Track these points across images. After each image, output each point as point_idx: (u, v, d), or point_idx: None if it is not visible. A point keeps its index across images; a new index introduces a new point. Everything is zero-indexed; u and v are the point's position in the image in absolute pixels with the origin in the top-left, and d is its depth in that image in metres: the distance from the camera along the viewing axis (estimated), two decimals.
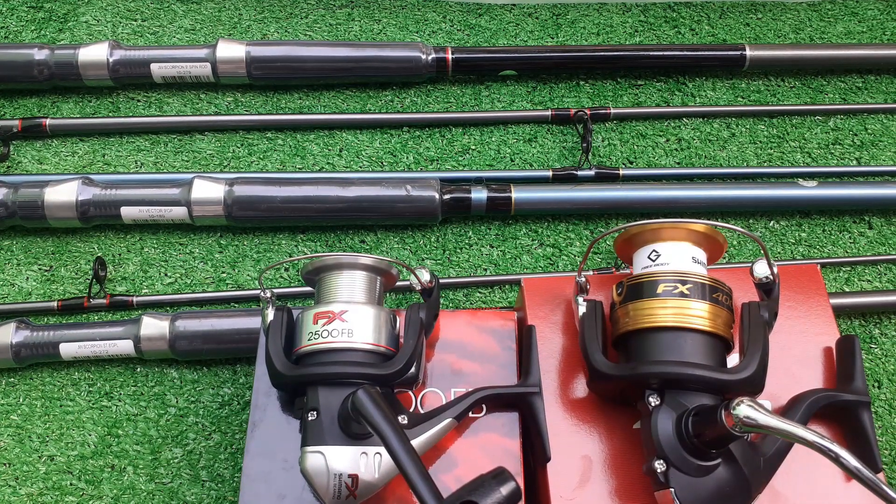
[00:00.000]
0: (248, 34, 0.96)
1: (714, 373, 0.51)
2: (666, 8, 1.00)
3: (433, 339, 0.61)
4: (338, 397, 0.52)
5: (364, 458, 0.51)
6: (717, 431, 0.48)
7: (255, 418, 0.58)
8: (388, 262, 0.58)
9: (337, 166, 0.88)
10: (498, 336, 0.62)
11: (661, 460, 0.50)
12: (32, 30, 0.96)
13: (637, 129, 0.91)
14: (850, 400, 0.56)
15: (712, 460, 0.50)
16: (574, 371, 0.60)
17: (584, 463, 0.56)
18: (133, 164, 0.88)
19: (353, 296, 0.57)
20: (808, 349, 0.61)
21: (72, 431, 0.74)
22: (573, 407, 0.59)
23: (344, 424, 0.52)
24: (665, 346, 0.53)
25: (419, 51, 0.89)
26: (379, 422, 0.47)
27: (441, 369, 0.60)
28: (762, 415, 0.46)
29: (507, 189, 0.82)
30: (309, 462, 0.51)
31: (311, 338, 0.55)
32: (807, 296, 0.63)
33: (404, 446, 0.46)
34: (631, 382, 0.54)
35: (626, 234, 0.59)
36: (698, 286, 0.54)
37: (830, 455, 0.44)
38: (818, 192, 0.84)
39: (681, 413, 0.51)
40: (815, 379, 0.60)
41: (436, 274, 0.61)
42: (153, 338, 0.74)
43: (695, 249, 0.58)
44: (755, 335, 0.54)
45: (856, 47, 0.95)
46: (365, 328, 0.55)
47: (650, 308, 0.54)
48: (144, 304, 0.79)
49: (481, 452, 0.57)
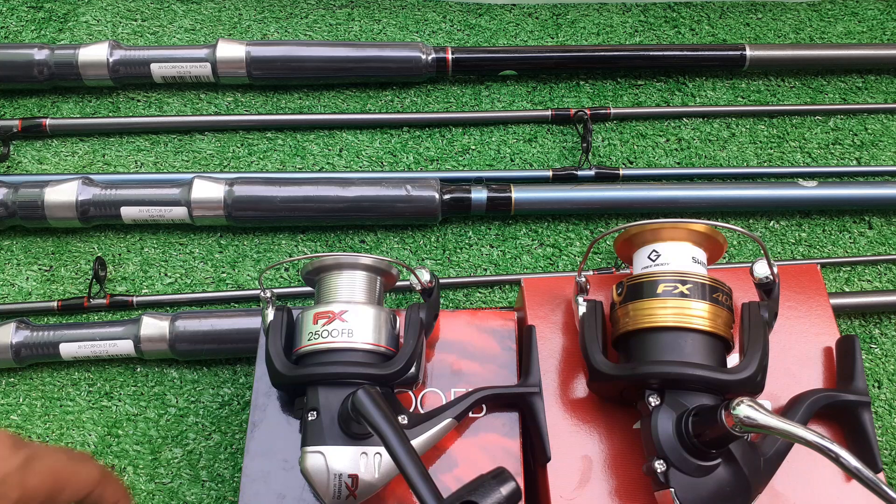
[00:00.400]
0: (248, 34, 0.96)
1: (714, 373, 0.51)
2: (666, 8, 1.00)
3: (433, 340, 0.61)
4: (338, 397, 0.52)
5: (364, 458, 0.51)
6: (717, 431, 0.48)
7: (255, 418, 0.58)
8: (387, 262, 0.58)
9: (337, 166, 0.88)
10: (498, 336, 0.62)
11: (661, 460, 0.50)
12: (32, 30, 0.96)
13: (637, 129, 0.91)
14: (850, 400, 0.56)
15: (712, 460, 0.50)
16: (574, 371, 0.60)
17: (584, 463, 0.56)
18: (133, 164, 0.88)
19: (352, 296, 0.57)
20: (808, 349, 0.61)
21: (72, 431, 0.74)
22: (573, 407, 0.59)
23: (344, 424, 0.52)
24: (665, 346, 0.54)
25: (419, 51, 0.89)
26: (379, 422, 0.47)
27: (441, 369, 0.60)
28: (762, 415, 0.46)
29: (507, 189, 0.82)
30: (309, 462, 0.51)
31: (311, 338, 0.55)
32: (807, 296, 0.63)
33: (404, 446, 0.46)
34: (631, 382, 0.54)
35: (626, 234, 0.59)
36: (698, 286, 0.54)
37: (830, 455, 0.44)
38: (818, 192, 0.84)
39: (681, 413, 0.51)
40: (815, 379, 0.60)
41: (436, 274, 0.61)
42: (153, 338, 0.74)
43: (695, 249, 0.58)
44: (755, 335, 0.54)
45: (856, 47, 0.95)
46: (365, 328, 0.55)
47: (650, 308, 0.54)
48: (144, 304, 0.79)
49: (481, 452, 0.57)
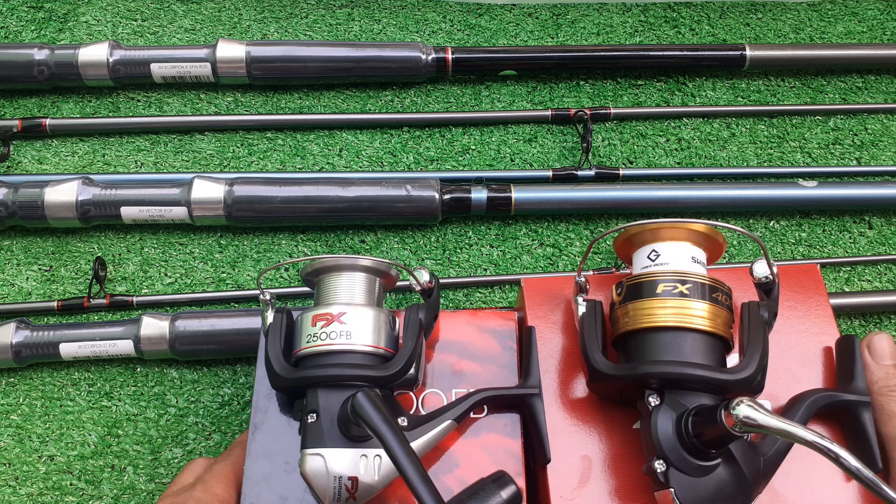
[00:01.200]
0: (248, 34, 0.96)
1: (714, 373, 0.51)
2: (666, 8, 1.00)
3: (433, 340, 0.61)
4: (337, 399, 0.52)
5: (364, 461, 0.51)
6: (716, 431, 0.48)
7: (256, 420, 0.58)
8: (386, 263, 0.58)
9: (337, 166, 0.88)
10: (499, 336, 0.62)
11: (661, 460, 0.50)
12: (32, 30, 0.96)
13: (637, 129, 0.91)
14: (851, 400, 0.56)
15: (712, 460, 0.50)
16: (574, 371, 0.60)
17: (584, 463, 0.56)
18: (133, 164, 0.88)
19: (351, 297, 0.57)
20: (808, 349, 0.61)
21: (72, 431, 0.74)
22: (573, 407, 0.59)
23: (343, 427, 0.52)
24: (665, 345, 0.53)
25: (419, 51, 0.89)
26: (378, 425, 0.47)
27: (442, 370, 0.60)
28: (762, 415, 0.46)
29: (507, 189, 0.82)
30: (308, 464, 0.51)
31: (309, 340, 0.54)
32: (807, 296, 0.63)
33: (404, 449, 0.46)
34: (630, 382, 0.54)
35: (625, 234, 0.59)
36: (698, 286, 0.54)
37: (830, 455, 0.44)
38: (818, 192, 0.84)
39: (680, 413, 0.51)
40: (815, 379, 0.60)
41: (435, 274, 0.61)
42: (153, 338, 0.74)
43: (694, 249, 0.58)
44: (755, 335, 0.54)
45: (856, 47, 0.95)
46: (363, 330, 0.54)
47: (650, 308, 0.54)
48: (144, 304, 0.79)
49: (483, 453, 0.57)
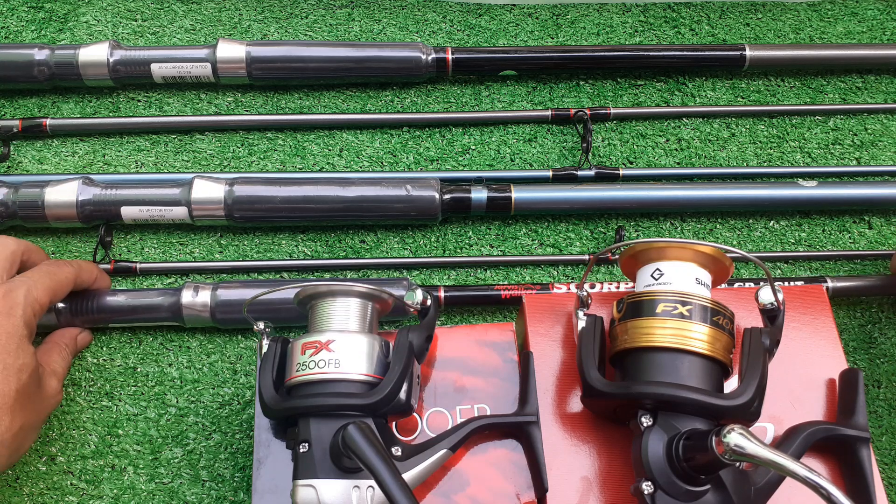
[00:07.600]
0: (249, 34, 0.96)
1: (708, 397, 0.51)
2: (666, 8, 1.00)
3: (433, 358, 0.60)
4: (329, 429, 0.51)
5: (357, 492, 0.50)
6: (706, 457, 0.47)
7: (260, 455, 0.57)
8: (375, 290, 0.56)
9: (337, 166, 0.88)
10: (499, 349, 0.61)
11: (649, 482, 0.50)
12: (32, 30, 0.96)
13: (637, 129, 0.91)
14: (850, 435, 0.55)
15: (701, 486, 0.50)
16: (574, 386, 0.60)
17: (583, 483, 0.56)
18: (133, 164, 0.88)
19: (341, 324, 0.56)
20: (812, 372, 0.60)
21: (72, 431, 0.74)
22: (572, 425, 0.58)
23: (335, 457, 0.51)
24: (661, 366, 0.53)
25: (419, 51, 0.89)
26: (370, 458, 0.47)
27: (444, 388, 0.60)
28: (752, 444, 0.45)
29: (507, 189, 0.82)
30: (300, 496, 0.51)
31: (299, 369, 0.54)
32: (812, 317, 0.62)
33: (397, 482, 0.46)
34: (624, 401, 0.53)
35: (630, 250, 0.58)
36: (699, 308, 0.53)
37: (821, 492, 0.43)
38: (818, 192, 0.84)
39: (672, 436, 0.50)
40: (818, 403, 0.59)
41: (430, 293, 0.59)
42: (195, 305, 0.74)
43: (699, 271, 0.56)
44: (754, 362, 0.53)
45: (856, 47, 0.95)
46: (352, 357, 0.53)
47: (648, 327, 0.54)
48: (147, 271, 0.80)
49: (492, 468, 0.56)
